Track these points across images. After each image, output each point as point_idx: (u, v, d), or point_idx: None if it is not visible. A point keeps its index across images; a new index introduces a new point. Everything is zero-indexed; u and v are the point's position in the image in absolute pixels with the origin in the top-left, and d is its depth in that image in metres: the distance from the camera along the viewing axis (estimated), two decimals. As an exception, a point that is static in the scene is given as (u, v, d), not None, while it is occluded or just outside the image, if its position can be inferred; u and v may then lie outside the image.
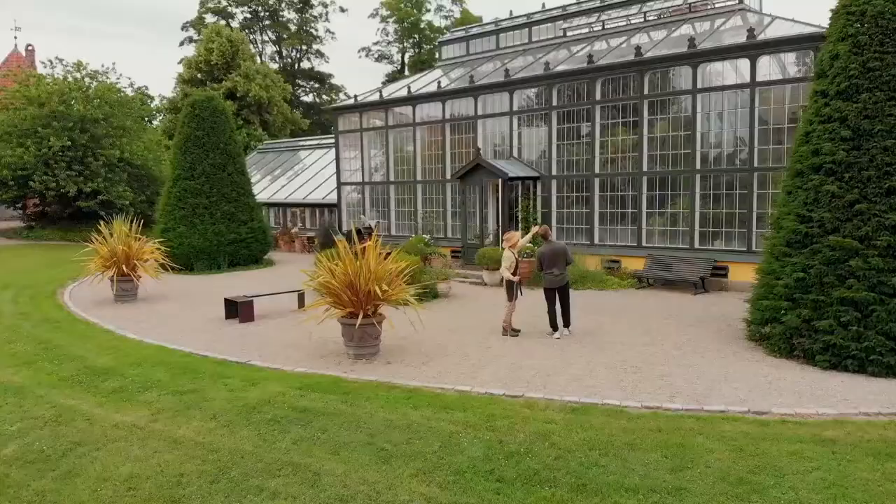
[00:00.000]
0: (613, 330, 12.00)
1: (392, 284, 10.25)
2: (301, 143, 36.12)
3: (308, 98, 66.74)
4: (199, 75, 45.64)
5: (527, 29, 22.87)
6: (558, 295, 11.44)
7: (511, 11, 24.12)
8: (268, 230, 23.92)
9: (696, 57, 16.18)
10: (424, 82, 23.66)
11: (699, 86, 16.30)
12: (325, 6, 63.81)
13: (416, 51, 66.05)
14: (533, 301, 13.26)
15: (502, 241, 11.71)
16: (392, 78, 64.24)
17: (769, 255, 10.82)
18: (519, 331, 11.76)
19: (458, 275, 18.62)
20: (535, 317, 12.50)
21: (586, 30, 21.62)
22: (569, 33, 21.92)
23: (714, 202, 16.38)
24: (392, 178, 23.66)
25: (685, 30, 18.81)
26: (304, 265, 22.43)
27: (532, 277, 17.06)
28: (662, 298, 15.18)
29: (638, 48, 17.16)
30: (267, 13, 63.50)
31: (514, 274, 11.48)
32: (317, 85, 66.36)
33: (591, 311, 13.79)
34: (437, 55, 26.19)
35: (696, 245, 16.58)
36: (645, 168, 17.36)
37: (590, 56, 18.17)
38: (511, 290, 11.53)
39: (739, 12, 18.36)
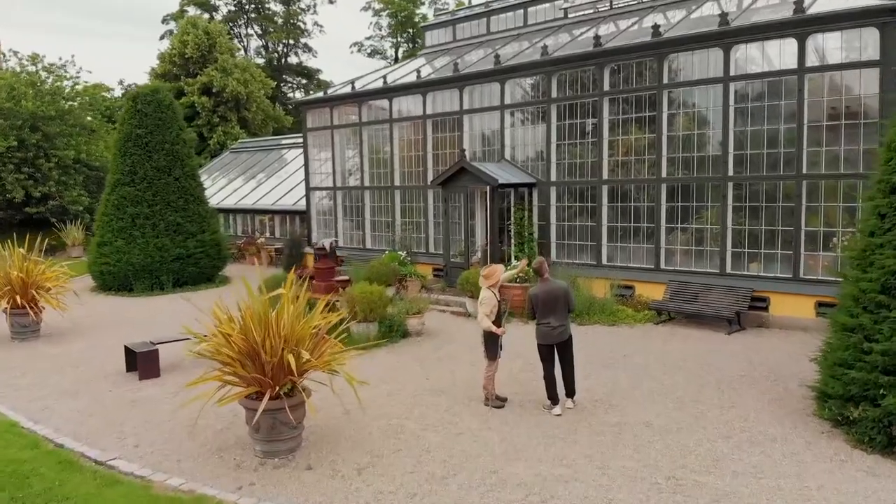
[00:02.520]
0: (632, 397, 8.85)
1: (318, 349, 7.10)
2: (276, 143, 32.95)
3: (296, 94, 63.55)
4: (173, 69, 42.46)
5: (521, 10, 19.70)
6: (557, 353, 8.30)
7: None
8: (223, 243, 20.77)
9: (727, 37, 13.03)
10: (403, 72, 20.51)
11: (732, 73, 13.16)
12: (313, -3, 60.57)
13: (410, 45, 62.85)
14: (527, 335, 10.15)
15: (481, 276, 8.57)
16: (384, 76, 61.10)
17: (851, 301, 7.71)
18: (505, 400, 8.63)
19: (437, 302, 15.47)
20: (528, 368, 9.40)
21: (590, 10, 18.46)
22: (570, 14, 18.77)
23: (751, 216, 13.24)
24: (367, 183, 20.52)
25: (710, 7, 15.66)
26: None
27: (524, 305, 13.98)
28: (689, 339, 12.04)
29: (656, 27, 14.01)
30: (252, 5, 60.32)
31: (496, 323, 8.34)
32: (304, 80, 63.18)
33: (602, 360, 10.65)
34: (419, 45, 23.00)
35: (729, 269, 13.44)
36: (664, 173, 14.21)
37: (596, 38, 15.00)
38: (492, 345, 8.39)
39: (775, -15, 15.20)
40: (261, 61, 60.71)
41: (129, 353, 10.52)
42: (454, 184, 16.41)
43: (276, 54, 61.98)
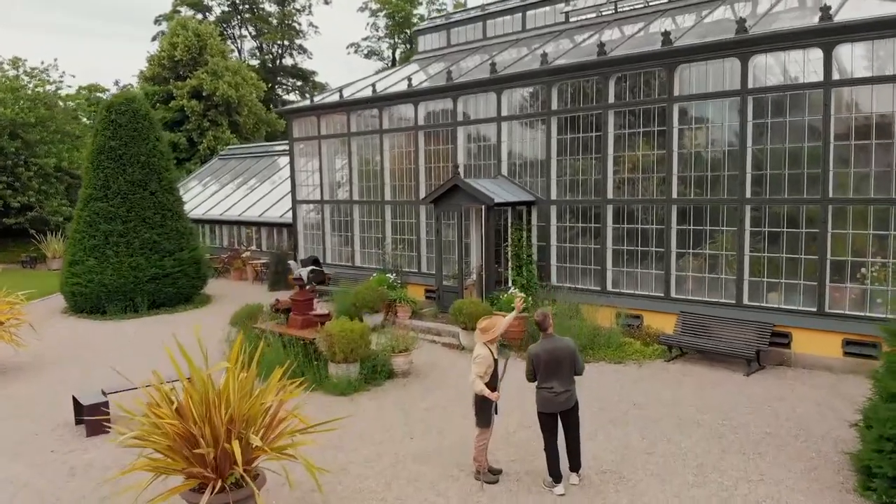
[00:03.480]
0: (646, 467, 7.68)
1: (272, 429, 5.93)
2: (266, 150, 31.76)
3: (291, 97, 62.37)
4: (163, 72, 41.22)
5: (520, 14, 18.51)
6: (561, 421, 7.12)
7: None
8: (203, 261, 19.59)
9: (745, 46, 11.86)
10: (395, 79, 19.33)
11: (750, 85, 11.99)
12: (308, -3, 59.38)
13: (408, 46, 61.67)
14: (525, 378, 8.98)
15: (478, 328, 7.34)
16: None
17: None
18: (499, 472, 7.46)
19: (428, 331, 14.30)
20: (526, 423, 8.26)
21: (594, 14, 17.29)
22: (572, 18, 17.59)
23: (770, 242, 12.07)
24: (356, 197, 19.34)
25: (723, 12, 14.50)
26: (253, 301, 18.29)
27: (524, 337, 12.87)
28: (704, 382, 10.87)
29: (666, 34, 12.83)
30: (246, 6, 59.11)
31: (491, 385, 7.15)
32: (299, 82, 61.98)
33: (610, 412, 9.48)
34: (415, 47, 21.83)
35: (746, 300, 12.28)
36: (675, 194, 13.05)
37: (600, 46, 13.83)
38: (484, 411, 7.21)
39: (795, -12, 14.03)
40: (255, 63, 59.57)
41: (78, 406, 9.34)
42: (447, 202, 15.24)
43: (270, 56, 60.81)
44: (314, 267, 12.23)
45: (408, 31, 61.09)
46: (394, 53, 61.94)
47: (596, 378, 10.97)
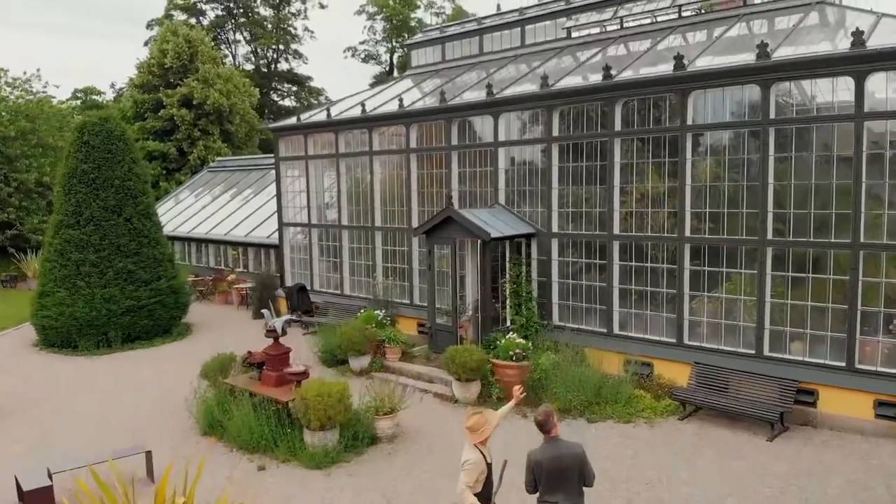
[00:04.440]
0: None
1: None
2: (256, 163, 30.63)
3: (287, 102, 61.30)
4: (153, 80, 40.03)
5: (518, 29, 17.38)
6: (565, 539, 5.99)
7: (498, 6, 18.69)
8: (183, 290, 18.46)
9: (767, 72, 10.74)
10: (385, 97, 18.21)
11: (772, 115, 10.87)
12: (304, 1, 58.31)
13: (406, 51, 60.51)
14: (525, 437, 7.87)
15: (465, 427, 6.22)
16: (379, 80, 58.89)
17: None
18: None
19: (419, 377, 13.19)
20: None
21: (597, 29, 16.17)
22: (574, 34, 16.47)
23: (793, 288, 10.96)
24: (345, 221, 18.22)
25: (739, 29, 13.38)
26: (236, 331, 17.20)
27: (524, 382, 11.74)
28: (724, 451, 9.74)
29: (679, 57, 11.70)
30: (241, 10, 57.99)
31: (484, 497, 6.02)
32: (294, 88, 60.86)
33: (620, 495, 8.36)
34: (407, 59, 20.72)
35: (766, 350, 11.16)
36: (688, 230, 11.93)
37: (606, 68, 12.69)
38: (475, 526, 6.07)
39: (817, 6, 12.90)
40: (249, 68, 58.46)
41: (20, 491, 8.22)
42: (440, 234, 14.13)
43: (265, 60, 59.66)
44: (290, 318, 11.12)
45: (406, 35, 60.04)
46: (391, 58, 60.89)
47: (603, 445, 9.86)
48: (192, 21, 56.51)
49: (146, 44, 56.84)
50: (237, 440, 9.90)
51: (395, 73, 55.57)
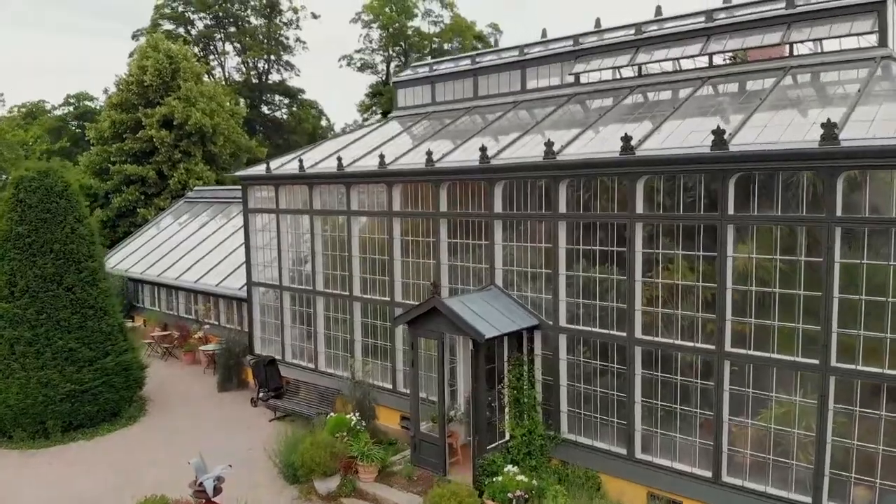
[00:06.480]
0: None
1: None
2: (237, 195, 28.24)
3: (278, 114, 59.07)
4: (132, 98, 37.67)
5: (518, 72, 15.10)
6: None
7: (496, 41, 16.55)
8: (134, 365, 16.09)
9: (834, 159, 8.47)
10: (368, 145, 15.92)
11: (839, 210, 8.61)
12: (296, 12, 56.07)
13: (402, 59, 58.44)
14: None
15: None
16: (375, 92, 56.73)
17: None
18: None
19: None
20: None
21: (610, 74, 13.91)
22: (583, 79, 14.21)
23: (861, 426, 8.70)
24: (320, 287, 15.95)
25: (787, 86, 11.10)
26: (197, 414, 15.23)
27: None
28: None
29: (719, 133, 9.37)
30: (230, 19, 55.73)
31: None
32: (286, 100, 58.59)
33: None
34: (394, 99, 18.42)
35: (826, 499, 8.91)
36: (728, 343, 9.65)
37: (626, 139, 10.36)
38: None
39: (884, 62, 10.60)
40: (239, 79, 56.19)
41: None
42: (425, 326, 11.85)
43: (255, 72, 57.35)
44: (223, 470, 8.86)
45: (402, 44, 57.67)
46: (388, 67, 58.63)
47: None
48: (181, 31, 54.35)
49: (131, 55, 54.59)
50: None
51: (392, 83, 53.43)
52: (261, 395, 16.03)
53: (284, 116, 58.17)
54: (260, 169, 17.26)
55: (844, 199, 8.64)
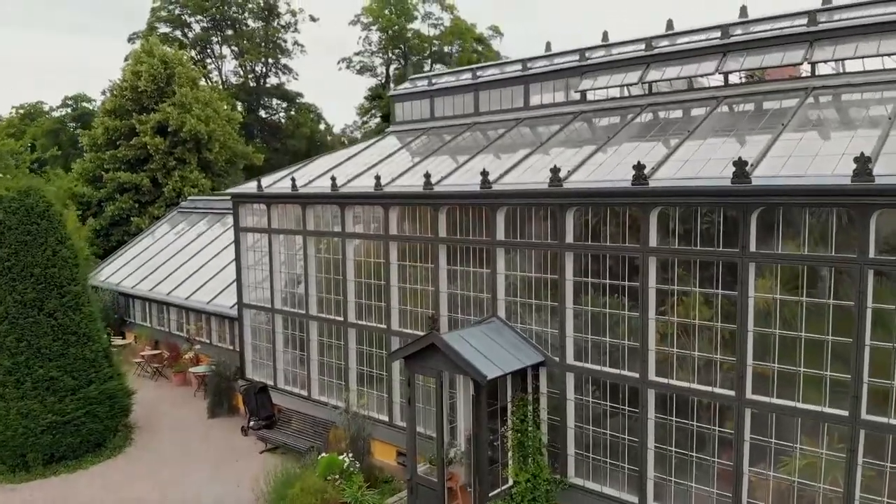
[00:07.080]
0: None
1: None
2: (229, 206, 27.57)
3: (276, 118, 58.36)
4: (126, 104, 36.93)
5: (521, 87, 14.42)
6: None
7: (499, 53, 15.79)
8: (119, 392, 15.35)
9: (869, 196, 7.78)
10: (362, 164, 15.23)
11: (871, 252, 7.92)
12: (294, 14, 55.36)
13: (402, 62, 57.78)
14: None
15: None
16: (374, 95, 56.00)
17: None
18: None
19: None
20: None
21: (618, 92, 13.22)
22: (590, 96, 13.53)
23: (892, 485, 8.03)
24: (313, 311, 15.26)
25: (810, 109, 10.41)
26: (185, 443, 14.61)
27: None
28: None
29: (741, 164, 8.68)
30: (228, 22, 55.03)
31: None
32: (284, 104, 57.87)
33: None
34: (391, 113, 17.73)
35: (860, 565, 8.23)
36: (749, 391, 8.96)
37: (639, 167, 9.66)
38: None
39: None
40: (236, 81, 55.51)
41: None
42: (422, 362, 11.15)
43: (253, 75, 56.63)
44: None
45: (402, 47, 56.97)
46: (387, 70, 57.96)
47: None
48: (178, 34, 53.65)
49: (127, 59, 53.88)
50: None
51: (392, 86, 52.53)
52: (251, 423, 15.33)
53: (282, 120, 57.45)
54: (251, 186, 16.58)
55: (878, 239, 7.95)
